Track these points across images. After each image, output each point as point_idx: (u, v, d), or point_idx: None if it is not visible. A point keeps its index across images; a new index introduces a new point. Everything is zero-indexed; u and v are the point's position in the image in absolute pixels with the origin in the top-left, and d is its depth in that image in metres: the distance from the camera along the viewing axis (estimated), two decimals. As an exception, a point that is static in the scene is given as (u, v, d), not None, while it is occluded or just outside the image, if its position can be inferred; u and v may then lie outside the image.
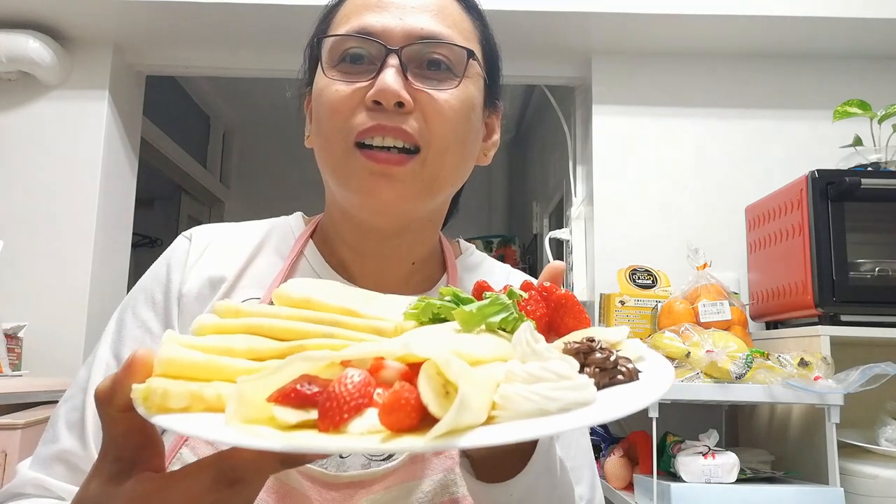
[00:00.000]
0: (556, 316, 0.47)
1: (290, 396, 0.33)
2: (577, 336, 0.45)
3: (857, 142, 1.74)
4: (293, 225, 0.77)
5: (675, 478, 1.43)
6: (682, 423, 1.66)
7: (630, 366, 0.39)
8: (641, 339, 1.74)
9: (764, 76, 2.20)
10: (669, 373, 0.39)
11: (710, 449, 1.43)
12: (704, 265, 1.74)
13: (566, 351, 0.40)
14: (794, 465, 1.58)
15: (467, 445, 0.30)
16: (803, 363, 1.43)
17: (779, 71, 2.20)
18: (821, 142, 2.02)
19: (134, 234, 2.41)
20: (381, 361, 0.34)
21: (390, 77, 0.62)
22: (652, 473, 1.42)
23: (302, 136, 0.75)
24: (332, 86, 0.65)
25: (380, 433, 0.31)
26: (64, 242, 2.07)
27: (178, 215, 3.74)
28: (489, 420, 0.33)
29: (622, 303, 1.85)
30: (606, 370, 0.38)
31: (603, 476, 1.74)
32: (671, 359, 1.49)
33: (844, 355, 1.48)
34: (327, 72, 0.66)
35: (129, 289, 2.35)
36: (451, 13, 0.68)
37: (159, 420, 0.34)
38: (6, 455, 1.46)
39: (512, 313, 0.43)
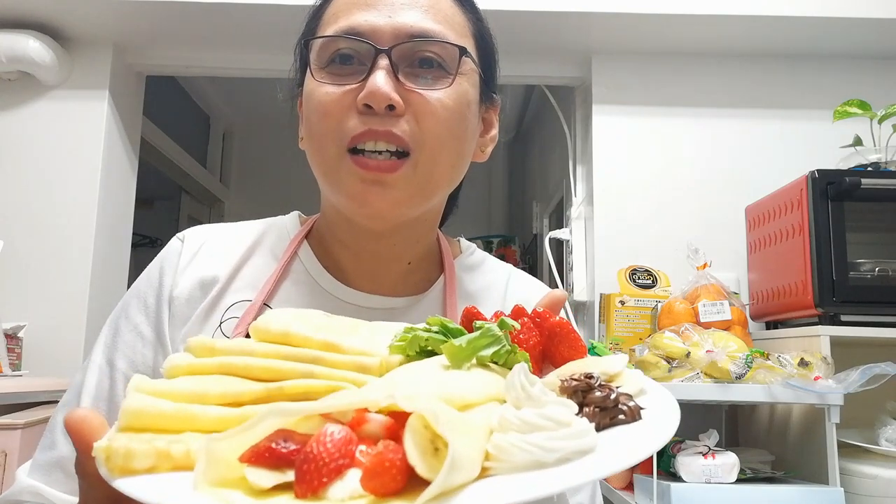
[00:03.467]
0: (550, 345, 0.45)
1: (264, 456, 0.31)
2: (573, 367, 0.42)
3: (857, 142, 1.73)
4: (289, 225, 0.76)
5: (675, 478, 1.43)
6: (682, 423, 1.65)
7: (631, 404, 0.36)
8: (641, 338, 1.74)
9: (764, 76, 2.20)
10: (674, 412, 0.37)
11: (710, 449, 1.43)
12: (704, 265, 1.74)
13: (563, 389, 0.38)
14: (794, 465, 1.57)
15: None
16: (803, 363, 1.43)
17: (779, 71, 2.20)
18: (821, 142, 2.01)
19: (134, 234, 2.41)
20: (364, 413, 0.32)
21: (380, 79, 0.60)
22: (652, 473, 1.42)
23: (299, 140, 0.74)
24: (321, 88, 0.63)
25: (363, 498, 0.29)
26: (64, 242, 2.07)
27: (178, 215, 3.73)
28: (483, 472, 0.31)
29: (622, 303, 1.85)
30: (607, 410, 0.36)
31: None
32: (671, 359, 1.49)
33: (844, 355, 1.48)
34: (316, 74, 0.64)
35: (128, 289, 2.36)
36: (442, 8, 0.66)
37: (121, 485, 0.32)
38: (6, 455, 1.46)
39: (504, 346, 0.41)
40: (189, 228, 0.76)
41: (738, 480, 1.40)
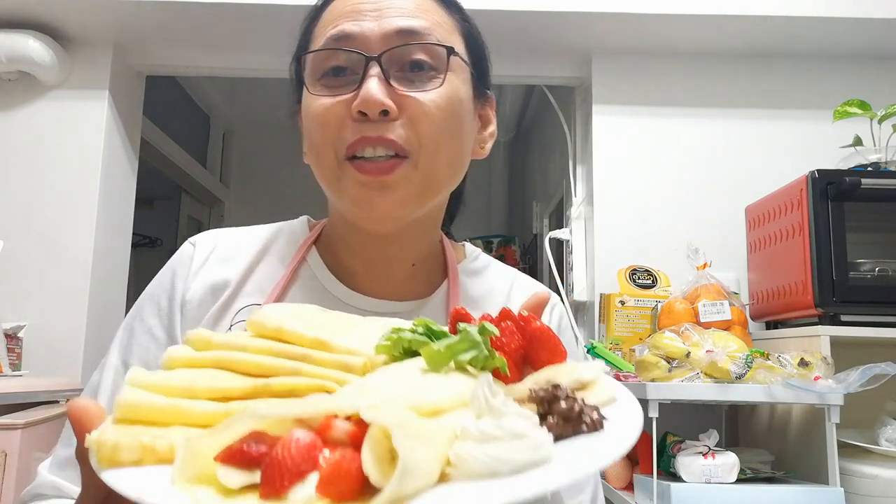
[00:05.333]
0: (530, 349, 0.47)
1: (236, 456, 0.33)
2: (550, 373, 0.44)
3: (857, 142, 1.73)
4: (297, 230, 0.78)
5: (675, 478, 1.43)
6: (682, 423, 1.66)
7: (595, 416, 0.38)
8: (641, 338, 1.74)
9: (764, 76, 2.20)
10: (637, 424, 0.38)
11: (710, 449, 1.43)
12: (704, 265, 1.74)
13: (531, 399, 0.40)
14: (794, 465, 1.57)
15: None
16: (803, 363, 1.43)
17: (779, 71, 2.20)
18: (821, 142, 2.01)
19: (134, 234, 2.41)
20: (331, 420, 0.34)
21: (373, 86, 0.62)
22: (652, 473, 1.42)
23: (299, 141, 0.75)
24: (317, 101, 0.65)
25: (320, 502, 0.31)
26: (64, 242, 2.07)
27: (178, 215, 3.74)
28: (444, 476, 0.32)
29: (622, 303, 1.85)
30: (570, 420, 0.37)
31: (603, 476, 1.74)
32: (671, 359, 1.49)
33: (844, 355, 1.48)
34: (311, 88, 0.66)
35: (129, 289, 2.36)
36: (427, 9, 0.68)
37: (106, 477, 0.34)
38: (6, 455, 1.46)
39: (482, 351, 0.43)
40: (200, 233, 0.78)
41: (738, 480, 1.40)
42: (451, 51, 0.66)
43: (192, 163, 3.44)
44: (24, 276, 2.04)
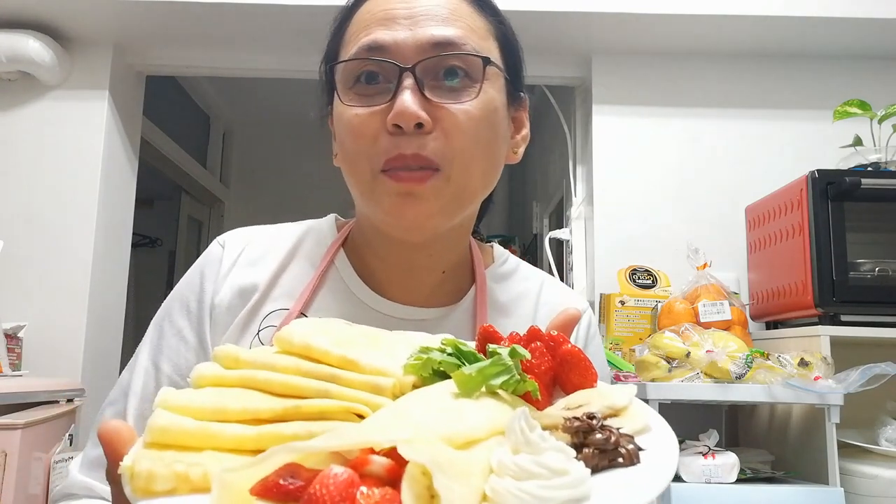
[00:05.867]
0: (561, 371, 0.47)
1: (272, 490, 0.33)
2: (581, 396, 0.44)
3: (857, 142, 1.73)
4: (326, 231, 0.77)
5: (676, 478, 1.43)
6: (682, 423, 1.66)
7: (630, 447, 0.38)
8: (641, 338, 1.74)
9: (764, 76, 2.20)
10: (673, 456, 0.38)
11: (710, 449, 1.43)
12: (704, 265, 1.74)
13: (566, 429, 0.39)
14: (794, 465, 1.57)
15: None
16: (803, 363, 1.43)
17: (779, 71, 2.20)
18: (821, 142, 2.01)
19: (134, 234, 2.41)
20: (368, 455, 0.33)
21: (408, 99, 0.61)
22: (652, 473, 1.42)
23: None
24: (351, 110, 0.64)
25: None
26: (64, 242, 2.07)
27: (178, 215, 3.73)
28: None
29: (622, 303, 1.85)
30: (606, 452, 0.37)
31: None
32: (671, 359, 1.49)
33: (844, 355, 1.48)
34: (344, 96, 0.66)
35: (129, 289, 2.35)
36: (461, 15, 0.66)
37: None
38: (6, 455, 1.46)
39: (513, 375, 0.43)
40: (229, 233, 0.77)
41: (738, 480, 1.40)
42: (486, 61, 0.65)
43: (192, 163, 3.43)
44: (24, 276, 2.04)
